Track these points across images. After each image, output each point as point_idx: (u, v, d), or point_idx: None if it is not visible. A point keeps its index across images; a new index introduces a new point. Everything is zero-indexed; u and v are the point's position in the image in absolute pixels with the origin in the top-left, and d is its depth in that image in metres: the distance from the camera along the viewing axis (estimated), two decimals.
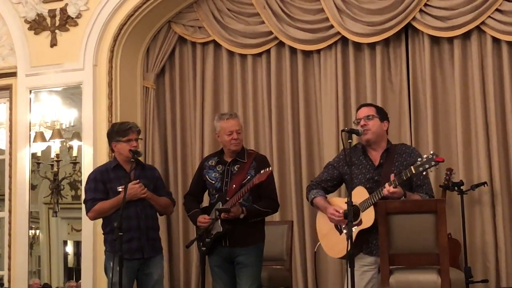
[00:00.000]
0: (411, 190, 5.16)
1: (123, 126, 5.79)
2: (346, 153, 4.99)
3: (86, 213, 5.81)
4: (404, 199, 5.03)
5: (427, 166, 4.92)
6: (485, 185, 6.61)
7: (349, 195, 4.75)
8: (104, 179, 5.74)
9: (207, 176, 5.62)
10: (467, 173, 6.76)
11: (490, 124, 6.76)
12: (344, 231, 5.07)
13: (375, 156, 5.28)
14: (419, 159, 4.97)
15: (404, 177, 4.96)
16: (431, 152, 5.00)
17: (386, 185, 4.99)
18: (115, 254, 5.35)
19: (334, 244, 5.23)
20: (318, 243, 5.57)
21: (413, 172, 4.94)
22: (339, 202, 5.29)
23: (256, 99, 7.57)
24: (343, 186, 5.66)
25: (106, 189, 5.71)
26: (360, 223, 5.08)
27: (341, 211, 5.11)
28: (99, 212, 5.71)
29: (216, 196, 5.52)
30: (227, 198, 5.40)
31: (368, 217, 5.06)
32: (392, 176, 5.01)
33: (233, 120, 5.56)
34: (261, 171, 5.28)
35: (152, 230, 5.77)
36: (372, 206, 5.05)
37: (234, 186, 5.42)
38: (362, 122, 5.25)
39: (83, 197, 7.15)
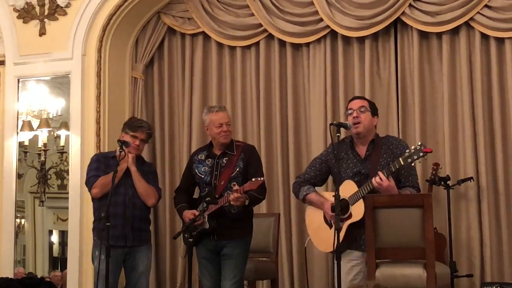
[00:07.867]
0: (399, 181, 5.15)
1: (136, 122, 5.97)
2: (334, 146, 5.01)
3: (90, 190, 5.83)
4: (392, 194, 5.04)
5: (415, 157, 4.92)
6: (471, 180, 6.64)
7: (336, 189, 4.76)
8: (105, 163, 5.88)
9: (196, 171, 5.63)
10: (453, 168, 6.78)
11: (477, 120, 6.79)
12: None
13: (362, 149, 5.27)
14: (407, 151, 4.98)
15: (393, 169, 4.97)
16: (419, 143, 5.00)
17: (376, 176, 4.97)
18: (101, 243, 5.43)
19: (325, 238, 5.20)
20: (308, 238, 5.56)
21: (402, 163, 4.95)
22: (328, 196, 5.28)
23: (244, 92, 7.57)
24: (330, 181, 5.65)
25: (106, 173, 5.78)
26: (350, 216, 5.08)
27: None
28: (102, 185, 5.72)
29: (207, 189, 5.53)
30: (216, 196, 5.39)
31: (358, 210, 5.06)
32: (380, 173, 5.00)
33: (222, 112, 5.59)
34: (253, 179, 5.27)
35: (138, 220, 5.81)
36: (361, 199, 5.05)
37: (223, 182, 5.45)
38: (355, 114, 5.22)
39: (70, 185, 7.24)
